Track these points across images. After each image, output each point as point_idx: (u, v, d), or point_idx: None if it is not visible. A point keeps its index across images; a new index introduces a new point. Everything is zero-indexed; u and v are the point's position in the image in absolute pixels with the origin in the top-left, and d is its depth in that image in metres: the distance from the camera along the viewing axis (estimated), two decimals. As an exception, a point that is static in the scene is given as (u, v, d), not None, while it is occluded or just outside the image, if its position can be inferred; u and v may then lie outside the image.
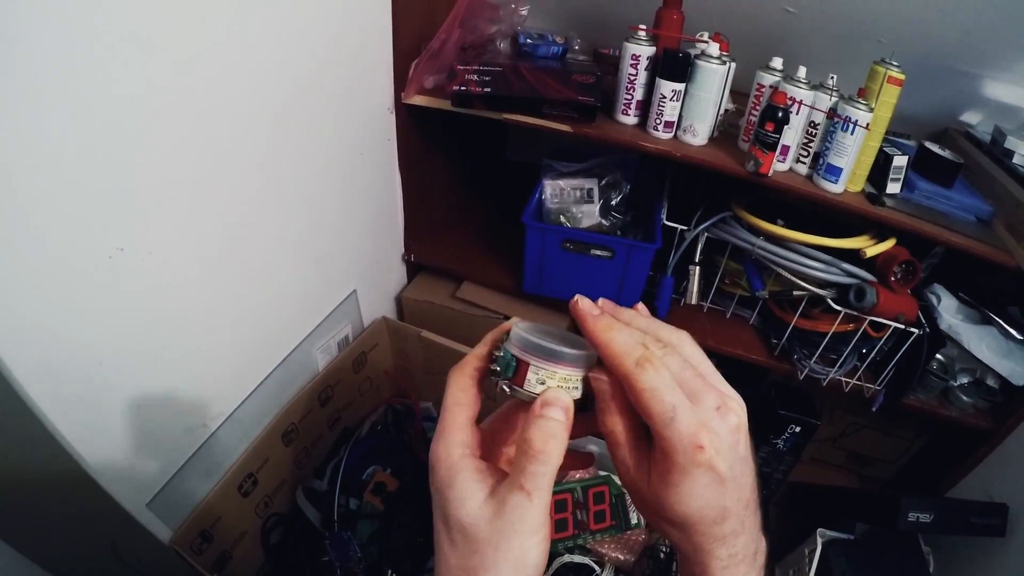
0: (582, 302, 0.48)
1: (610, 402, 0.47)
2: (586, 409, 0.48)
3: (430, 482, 0.46)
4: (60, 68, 0.69)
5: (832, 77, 1.21)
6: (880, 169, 1.26)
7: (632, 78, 1.29)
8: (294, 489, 1.41)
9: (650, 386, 0.42)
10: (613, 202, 1.52)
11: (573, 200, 1.51)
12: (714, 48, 1.22)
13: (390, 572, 1.23)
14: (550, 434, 0.43)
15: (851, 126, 1.15)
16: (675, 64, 1.23)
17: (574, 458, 0.54)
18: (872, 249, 1.27)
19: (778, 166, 1.27)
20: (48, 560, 1.06)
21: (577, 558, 1.25)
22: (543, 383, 0.46)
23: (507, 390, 0.47)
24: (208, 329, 1.05)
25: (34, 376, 0.77)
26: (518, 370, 0.47)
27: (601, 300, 0.50)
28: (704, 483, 0.42)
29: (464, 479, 0.44)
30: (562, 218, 1.51)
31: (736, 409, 0.44)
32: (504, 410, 0.54)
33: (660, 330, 0.48)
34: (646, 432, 0.45)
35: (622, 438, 0.47)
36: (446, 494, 0.44)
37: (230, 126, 0.96)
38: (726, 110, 1.36)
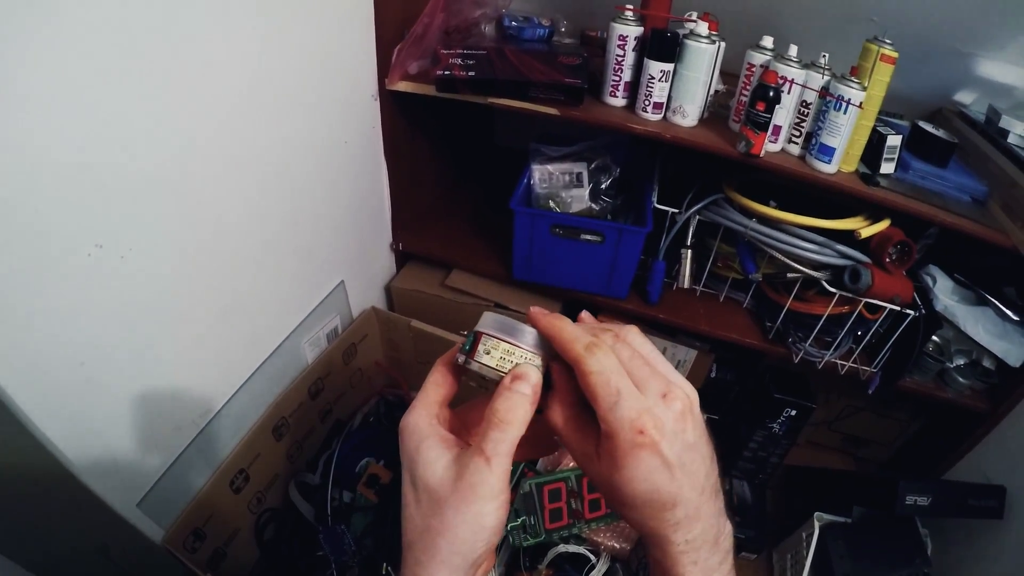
0: (534, 308, 0.52)
1: (562, 394, 0.50)
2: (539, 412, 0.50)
3: (400, 450, 0.49)
4: (36, 60, 0.67)
5: (824, 56, 1.19)
6: (874, 149, 1.24)
7: (620, 59, 1.27)
8: (287, 484, 1.40)
9: (597, 369, 0.45)
10: (603, 186, 1.51)
11: (562, 184, 1.49)
12: (703, 27, 1.20)
13: (385, 565, 1.21)
14: (514, 404, 0.46)
15: (844, 105, 1.14)
16: (663, 44, 1.21)
17: (537, 444, 0.55)
18: (867, 230, 1.26)
19: (770, 146, 1.25)
20: (35, 563, 1.05)
21: (573, 548, 1.24)
22: (488, 353, 0.49)
23: (462, 363, 0.51)
24: (193, 325, 1.04)
25: (14, 377, 0.76)
26: (473, 344, 0.50)
27: None
28: (649, 467, 0.44)
29: (431, 444, 0.47)
30: (551, 203, 1.49)
31: (681, 396, 0.46)
32: (477, 400, 0.55)
33: (610, 326, 0.51)
34: (594, 418, 0.47)
35: (572, 425, 0.49)
36: (415, 457, 0.47)
37: (209, 118, 0.94)
38: (716, 90, 1.34)
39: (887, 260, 1.25)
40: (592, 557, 1.24)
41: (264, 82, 1.03)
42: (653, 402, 0.45)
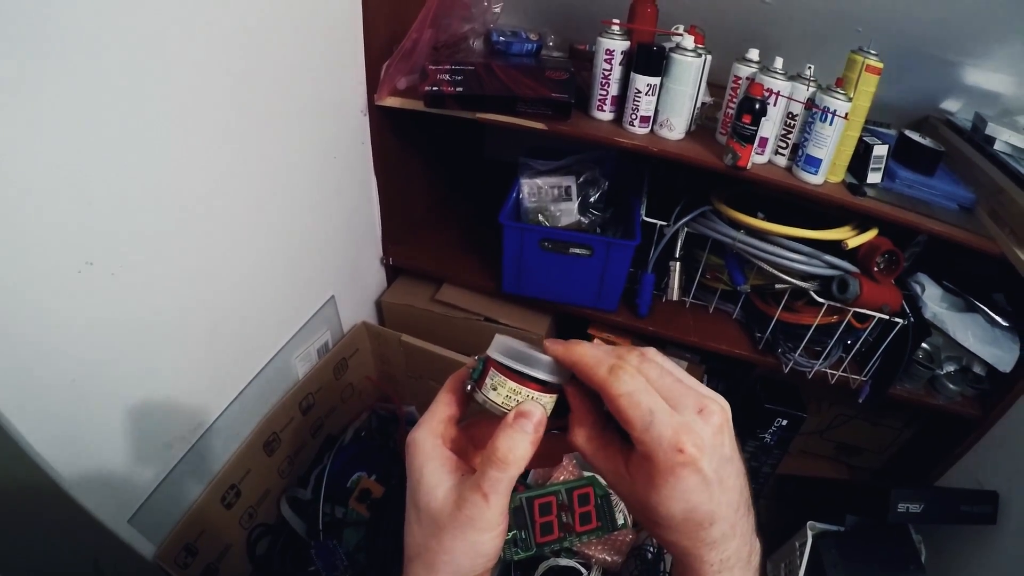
0: (547, 341, 0.50)
1: (582, 416, 0.50)
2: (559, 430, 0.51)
3: (406, 464, 0.50)
4: (22, 76, 0.68)
5: (809, 67, 1.20)
6: (860, 159, 1.25)
7: (606, 73, 1.27)
8: (278, 499, 1.40)
9: (626, 391, 0.44)
10: (592, 199, 1.51)
11: (551, 198, 1.50)
12: (689, 41, 1.21)
13: (377, 579, 1.22)
14: (515, 444, 0.46)
15: (829, 116, 1.15)
16: (649, 58, 1.22)
17: (547, 457, 0.55)
18: (854, 240, 1.26)
19: (757, 159, 1.26)
20: (27, 579, 1.05)
21: (564, 561, 1.24)
22: (495, 389, 0.49)
23: (469, 391, 0.50)
24: (183, 341, 1.04)
25: (5, 393, 0.76)
26: (482, 374, 0.49)
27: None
28: (689, 485, 0.43)
29: (433, 469, 0.48)
30: (540, 217, 1.50)
31: (718, 410, 0.45)
32: (483, 418, 0.54)
33: (632, 348, 0.49)
34: (620, 436, 0.47)
35: (596, 444, 0.49)
36: (418, 479, 0.48)
37: (198, 134, 0.94)
38: (703, 103, 1.35)
39: (875, 269, 1.26)
40: (583, 570, 1.24)
41: (253, 98, 1.04)
42: (690, 418, 0.44)
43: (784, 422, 1.54)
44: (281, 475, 1.40)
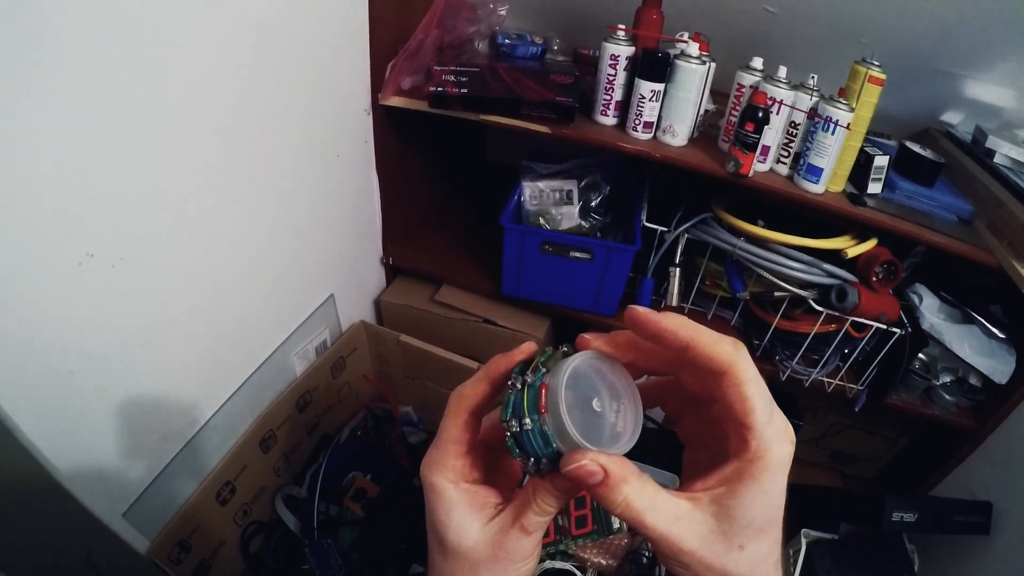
0: (638, 310, 0.42)
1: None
2: None
3: (425, 505, 0.47)
4: (22, 68, 0.67)
5: (813, 77, 1.20)
6: (861, 169, 1.25)
7: (611, 78, 1.28)
8: (273, 496, 1.40)
9: (755, 375, 0.38)
10: (593, 203, 1.52)
11: (552, 202, 1.50)
12: (694, 48, 1.21)
13: (371, 579, 1.22)
14: (558, 501, 0.43)
15: (832, 126, 1.15)
16: (654, 64, 1.22)
17: None
18: (853, 249, 1.27)
19: (758, 167, 1.27)
20: (19, 571, 1.04)
21: (559, 564, 1.23)
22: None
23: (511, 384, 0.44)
24: (182, 335, 1.04)
25: (3, 385, 0.76)
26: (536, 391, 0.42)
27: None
28: (783, 482, 0.38)
29: (461, 513, 0.45)
30: (541, 220, 1.50)
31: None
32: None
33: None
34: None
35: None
36: (445, 523, 0.45)
37: (201, 128, 0.94)
38: (706, 110, 1.35)
39: (874, 279, 1.26)
40: (578, 573, 1.24)
41: (257, 94, 1.04)
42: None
43: (780, 429, 1.54)
44: (276, 473, 1.40)
